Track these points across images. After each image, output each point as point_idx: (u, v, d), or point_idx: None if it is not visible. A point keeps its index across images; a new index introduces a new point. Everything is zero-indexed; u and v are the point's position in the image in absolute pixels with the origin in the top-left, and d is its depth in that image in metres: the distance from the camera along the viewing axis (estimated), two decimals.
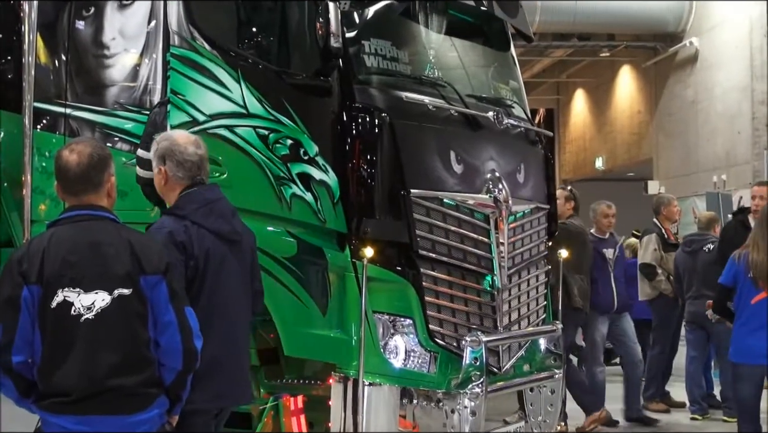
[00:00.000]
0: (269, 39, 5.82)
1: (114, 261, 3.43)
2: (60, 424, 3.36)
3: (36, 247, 3.42)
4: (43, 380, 3.38)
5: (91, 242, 3.45)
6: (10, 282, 3.37)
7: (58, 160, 3.68)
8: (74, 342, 3.34)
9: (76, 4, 6.27)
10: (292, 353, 5.35)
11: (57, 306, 3.34)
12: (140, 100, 5.87)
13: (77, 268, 3.37)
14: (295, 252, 5.26)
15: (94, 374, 3.37)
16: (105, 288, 3.38)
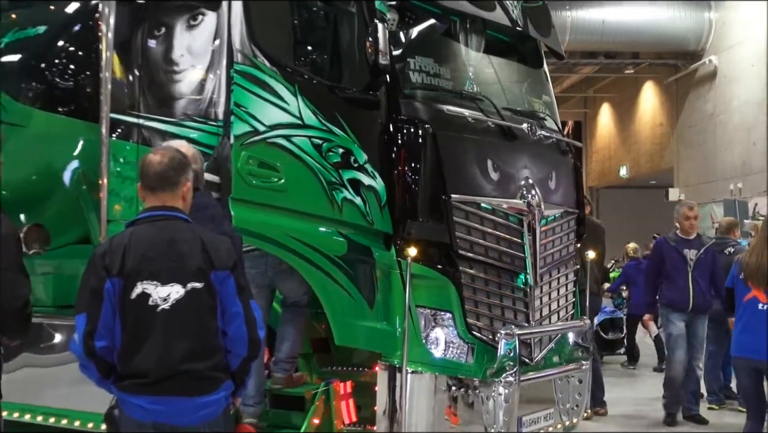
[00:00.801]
0: (323, 56, 5.86)
1: (188, 257, 3.46)
2: (138, 403, 3.40)
3: (118, 243, 3.44)
4: (123, 364, 3.41)
5: (167, 239, 3.47)
6: (95, 275, 3.39)
7: (143, 160, 3.72)
8: (151, 330, 3.38)
9: (148, 25, 6.36)
10: (342, 342, 5.37)
11: (136, 297, 3.38)
12: (205, 111, 5.93)
13: (155, 263, 3.40)
14: (345, 251, 5.28)
15: (169, 359, 3.40)
16: (179, 282, 3.42)
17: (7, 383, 7.06)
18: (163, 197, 3.58)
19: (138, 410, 3.43)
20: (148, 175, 3.61)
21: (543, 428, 6.28)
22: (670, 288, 8.15)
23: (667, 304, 8.24)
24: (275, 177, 5.08)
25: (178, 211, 3.62)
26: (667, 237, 8.47)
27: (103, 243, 3.58)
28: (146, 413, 3.42)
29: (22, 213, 7.28)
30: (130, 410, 3.45)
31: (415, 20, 6.04)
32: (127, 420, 3.48)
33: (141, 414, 3.43)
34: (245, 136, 5.00)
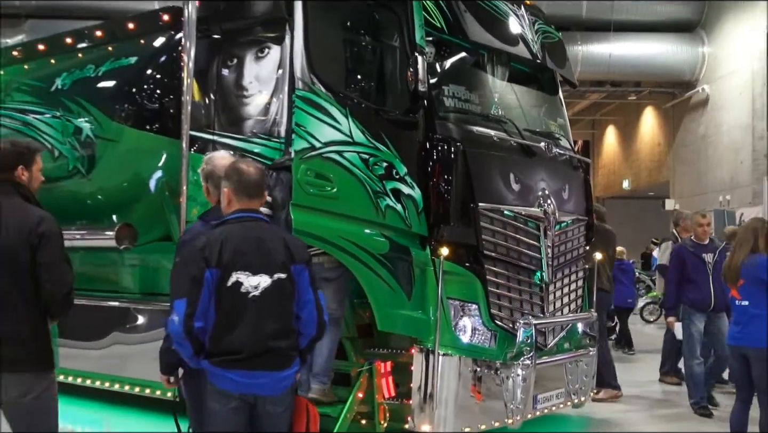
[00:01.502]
0: (370, 83, 5.86)
1: (273, 252, 3.50)
2: (230, 377, 3.39)
3: (214, 239, 3.44)
4: (216, 342, 3.40)
5: (256, 237, 3.51)
6: (195, 265, 3.38)
7: (237, 171, 3.64)
8: (244, 313, 3.39)
9: (222, 56, 6.42)
10: (383, 328, 5.36)
11: (231, 285, 3.39)
12: (269, 130, 5.96)
13: (247, 256, 3.43)
14: (387, 250, 5.28)
15: (260, 338, 3.43)
16: (267, 273, 3.45)
17: (100, 358, 7.22)
18: (252, 202, 3.62)
19: (229, 383, 3.41)
20: (248, 184, 3.61)
21: (555, 405, 6.24)
22: (691, 290, 7.69)
23: (690, 305, 7.77)
24: (329, 186, 5.10)
25: (260, 213, 3.68)
26: (684, 244, 8.07)
27: (199, 238, 3.52)
28: (237, 385, 3.42)
29: (114, 214, 7.40)
30: (220, 383, 3.43)
31: (449, 53, 6.05)
32: (215, 392, 3.45)
33: (232, 386, 3.42)
34: (304, 152, 5.03)
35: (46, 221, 3.46)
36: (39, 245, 3.39)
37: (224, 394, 3.44)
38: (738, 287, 5.67)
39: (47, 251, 3.41)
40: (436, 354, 5.29)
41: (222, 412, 3.46)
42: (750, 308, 5.56)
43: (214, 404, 3.46)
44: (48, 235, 3.43)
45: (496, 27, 6.22)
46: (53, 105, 7.47)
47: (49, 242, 3.43)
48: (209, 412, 3.49)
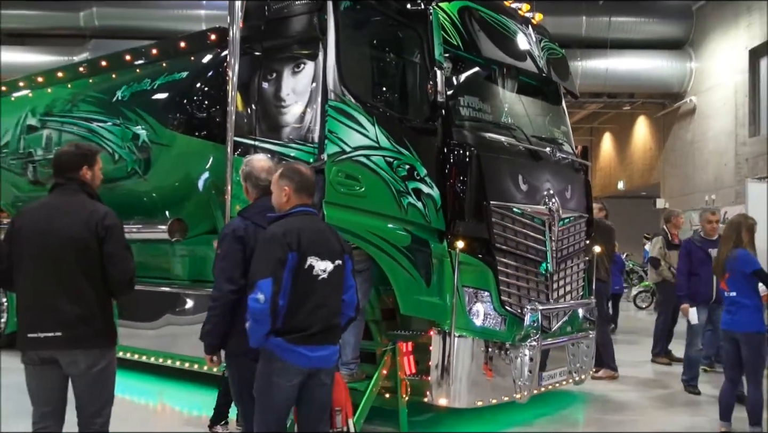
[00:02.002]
0: (394, 95, 5.86)
1: (332, 242, 3.59)
2: (301, 352, 3.40)
3: (291, 227, 3.45)
4: (289, 320, 3.39)
5: (319, 229, 3.60)
6: (280, 249, 3.38)
7: (299, 173, 3.67)
8: (313, 293, 3.45)
9: (263, 71, 6.43)
10: (406, 311, 5.36)
11: (307, 268, 3.43)
12: (304, 136, 5.95)
13: (316, 244, 3.49)
14: (409, 242, 5.27)
15: (325, 315, 3.49)
16: (330, 259, 3.52)
17: (155, 337, 7.27)
18: (308, 199, 3.69)
19: (301, 358, 3.41)
20: (307, 185, 3.66)
21: (558, 382, 6.21)
22: (695, 282, 7.40)
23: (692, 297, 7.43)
24: (357, 186, 5.09)
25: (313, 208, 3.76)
26: (692, 239, 7.75)
27: (276, 227, 3.50)
28: (307, 360, 3.42)
29: (167, 210, 7.46)
30: (292, 358, 3.40)
31: (464, 68, 6.02)
32: (284, 368, 3.41)
33: (303, 361, 3.42)
34: (336, 155, 5.03)
35: (109, 215, 3.49)
36: (105, 237, 3.42)
37: (293, 369, 3.42)
38: (725, 279, 5.61)
39: (112, 242, 3.43)
40: (452, 336, 5.27)
41: (286, 388, 3.43)
42: (738, 297, 5.51)
43: (280, 379, 3.42)
44: (112, 228, 3.45)
45: (506, 44, 6.18)
46: (114, 114, 7.54)
47: (114, 234, 3.45)
48: (274, 387, 3.43)
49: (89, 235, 3.39)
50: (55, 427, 3.47)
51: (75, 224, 3.40)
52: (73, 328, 3.34)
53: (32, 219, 3.46)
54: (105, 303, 3.42)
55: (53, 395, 3.44)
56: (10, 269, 3.44)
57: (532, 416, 6.26)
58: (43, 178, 8.54)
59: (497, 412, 6.00)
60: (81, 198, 3.51)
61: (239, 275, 3.67)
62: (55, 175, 3.59)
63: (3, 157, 9.05)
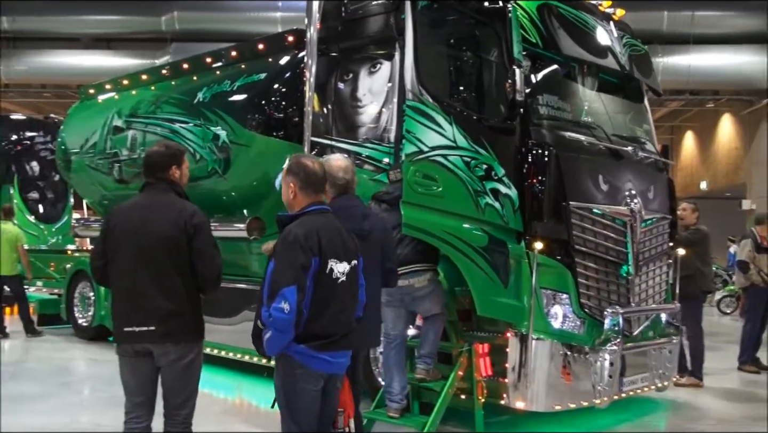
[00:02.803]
0: (471, 94, 5.83)
1: (348, 241, 3.38)
2: (324, 358, 3.23)
3: (311, 229, 3.20)
4: (312, 327, 3.19)
5: (336, 228, 3.34)
6: (304, 253, 3.13)
7: (305, 167, 3.37)
8: (335, 298, 3.26)
9: (340, 72, 6.52)
10: (483, 313, 5.31)
11: (328, 272, 3.22)
12: (380, 136, 6.02)
13: (334, 245, 3.26)
14: (486, 243, 5.22)
15: (346, 320, 3.33)
16: (347, 260, 3.32)
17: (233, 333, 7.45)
18: (320, 196, 3.41)
19: (324, 364, 3.25)
20: (316, 181, 3.38)
21: (639, 388, 6.04)
22: None
23: None
24: (435, 186, 5.09)
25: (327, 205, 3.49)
26: None
27: (296, 227, 3.22)
28: (329, 366, 3.27)
29: (246, 209, 7.64)
30: (315, 365, 3.23)
31: (543, 66, 5.92)
32: (308, 374, 3.23)
33: (325, 367, 3.26)
34: (413, 155, 5.04)
35: (198, 213, 3.59)
36: (194, 234, 3.51)
37: (316, 375, 3.25)
38: None
39: (201, 239, 3.53)
40: (530, 338, 5.21)
41: (311, 394, 3.27)
42: None
43: (306, 385, 3.25)
44: (201, 225, 3.55)
45: (587, 41, 6.05)
46: (195, 115, 7.77)
47: (202, 232, 3.55)
48: (301, 393, 3.25)
49: (179, 233, 3.49)
50: (146, 416, 3.60)
51: (165, 222, 3.51)
52: (165, 322, 3.45)
53: (126, 218, 3.59)
54: (194, 299, 3.52)
55: (145, 386, 3.57)
56: (106, 265, 3.59)
57: (612, 421, 6.11)
58: (128, 177, 8.89)
59: (575, 417, 5.90)
60: (170, 197, 3.63)
61: None
62: (146, 175, 3.71)
63: (90, 157, 9.45)
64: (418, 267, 5.11)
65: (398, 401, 5.19)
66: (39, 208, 13.75)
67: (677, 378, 6.95)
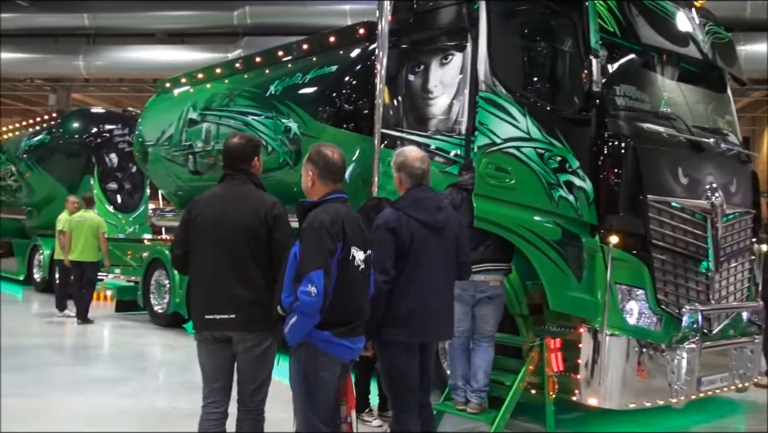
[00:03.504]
0: (545, 84, 5.74)
1: (365, 230, 3.43)
2: (345, 344, 3.27)
3: (336, 215, 3.24)
4: (335, 313, 3.21)
5: (355, 216, 3.39)
6: (330, 239, 3.17)
7: (324, 156, 3.40)
8: (355, 284, 3.31)
9: (410, 63, 6.52)
10: (555, 307, 5.25)
11: (351, 259, 3.27)
12: (451, 128, 6.00)
13: (355, 232, 3.30)
14: (560, 237, 5.15)
15: (363, 307, 3.38)
16: (364, 248, 3.35)
17: None
18: (338, 185, 3.43)
19: (345, 351, 3.29)
20: (335, 170, 3.41)
21: (718, 388, 5.83)
22: None
23: None
24: (507, 178, 5.05)
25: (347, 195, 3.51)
26: None
27: (321, 214, 3.24)
28: (350, 352, 3.31)
29: None
30: (337, 351, 3.27)
31: (621, 55, 5.76)
32: (329, 361, 3.27)
33: (346, 354, 3.30)
34: (486, 147, 5.01)
35: (277, 205, 3.65)
36: (273, 225, 3.57)
37: (337, 362, 3.28)
38: None
39: (280, 230, 3.59)
40: (604, 334, 5.09)
41: (331, 381, 3.30)
42: None
43: (326, 373, 3.27)
44: (280, 217, 3.61)
45: (667, 29, 5.86)
46: (267, 108, 7.92)
47: (282, 223, 3.61)
48: (321, 382, 3.27)
49: (259, 224, 3.55)
50: (223, 401, 3.68)
51: (245, 213, 3.57)
52: (244, 311, 3.52)
53: (206, 208, 3.67)
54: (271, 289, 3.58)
55: (223, 372, 3.66)
56: (186, 254, 3.69)
57: (689, 422, 5.94)
58: (202, 169, 9.13)
59: (650, 416, 5.75)
60: (250, 188, 3.69)
61: (391, 266, 3.71)
62: (227, 166, 3.78)
63: (166, 148, 9.75)
64: (494, 266, 5.08)
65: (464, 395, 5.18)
66: (117, 198, 14.27)
67: (758, 379, 6.69)
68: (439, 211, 3.95)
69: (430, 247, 3.83)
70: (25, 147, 14.94)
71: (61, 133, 14.31)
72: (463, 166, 5.42)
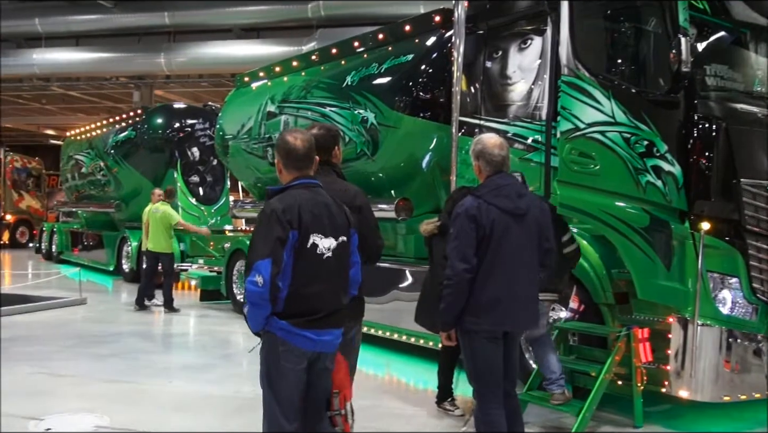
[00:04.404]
0: (631, 66, 5.54)
1: (337, 216, 3.30)
2: (305, 335, 3.18)
3: (290, 202, 3.17)
4: (293, 303, 3.16)
5: (324, 202, 3.28)
6: (280, 227, 3.09)
7: (285, 144, 3.33)
8: (319, 274, 3.19)
9: (488, 50, 6.42)
10: (644, 296, 5.08)
11: (310, 246, 3.17)
12: (531, 114, 5.89)
13: (319, 219, 3.21)
14: (648, 223, 4.98)
15: (333, 297, 3.27)
16: (334, 235, 3.24)
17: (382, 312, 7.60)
18: (304, 171, 3.33)
19: (306, 341, 3.19)
20: (296, 157, 3.32)
21: None
22: None
23: None
24: (591, 164, 4.92)
25: (316, 180, 3.38)
26: None
27: (276, 202, 3.19)
28: (313, 343, 3.21)
29: (393, 190, 7.74)
30: (297, 342, 3.19)
31: (710, 33, 5.50)
32: (290, 351, 3.19)
33: (308, 345, 3.20)
34: (569, 132, 4.90)
35: (360, 194, 3.66)
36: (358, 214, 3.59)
37: (299, 353, 3.20)
38: None
39: (365, 219, 3.62)
40: (695, 324, 4.90)
41: (293, 373, 3.21)
42: None
43: (287, 363, 3.20)
44: (364, 206, 3.63)
45: (761, 4, 5.56)
46: (344, 98, 7.95)
47: (366, 212, 3.63)
48: (281, 372, 3.22)
49: None
50: None
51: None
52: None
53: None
54: None
55: None
56: None
57: None
58: None
59: (744, 410, 5.51)
60: (333, 178, 3.72)
61: (472, 254, 3.66)
62: None
63: (246, 141, 9.94)
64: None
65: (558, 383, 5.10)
66: (199, 190, 14.68)
67: None
68: (520, 198, 3.86)
69: (512, 234, 3.74)
70: (113, 143, 15.56)
71: (145, 129, 14.83)
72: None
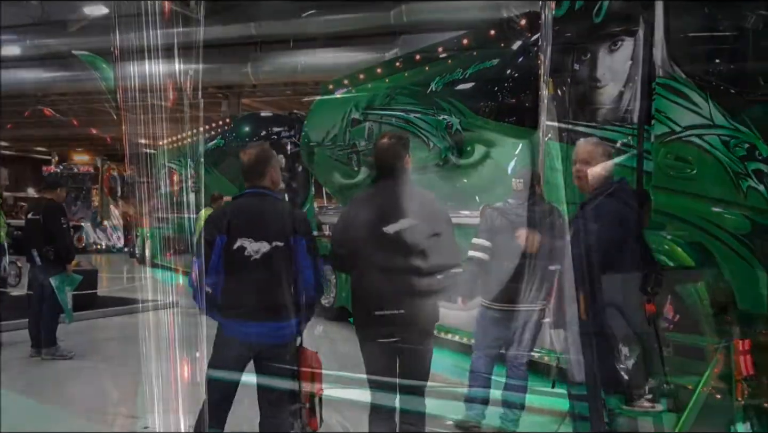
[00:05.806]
0: (729, 66, 5.30)
1: (272, 223, 3.70)
2: (234, 326, 3.69)
3: (227, 209, 3.77)
4: (226, 297, 3.66)
5: (259, 209, 3.73)
6: (210, 232, 3.66)
7: (240, 159, 3.90)
8: (245, 274, 3.65)
9: (577, 53, 6.28)
10: (745, 306, 4.85)
11: (236, 249, 3.64)
12: (621, 118, 5.71)
13: (250, 225, 3.68)
14: (749, 230, 4.75)
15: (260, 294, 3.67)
16: (266, 240, 3.66)
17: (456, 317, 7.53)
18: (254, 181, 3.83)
19: (238, 332, 3.69)
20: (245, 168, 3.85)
21: None
22: None
23: None
24: (688, 168, 4.73)
25: (268, 190, 3.82)
26: None
27: (217, 209, 3.89)
28: (244, 334, 3.68)
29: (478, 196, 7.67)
30: (230, 331, 3.72)
31: None
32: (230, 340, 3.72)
33: (240, 335, 3.69)
34: (664, 136, 4.73)
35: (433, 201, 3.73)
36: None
37: (233, 342, 3.71)
38: None
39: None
40: None
41: (231, 357, 3.72)
42: None
43: (224, 349, 3.74)
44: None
45: None
46: (428, 104, 7.96)
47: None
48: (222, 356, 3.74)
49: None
50: None
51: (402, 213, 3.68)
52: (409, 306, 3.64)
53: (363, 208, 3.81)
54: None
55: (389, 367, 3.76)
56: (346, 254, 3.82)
57: None
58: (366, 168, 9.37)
59: None
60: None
61: None
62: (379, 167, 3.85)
63: (331, 148, 10.09)
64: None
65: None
66: (285, 197, 15.00)
67: None
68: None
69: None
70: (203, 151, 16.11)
71: (233, 137, 15.27)
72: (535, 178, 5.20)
